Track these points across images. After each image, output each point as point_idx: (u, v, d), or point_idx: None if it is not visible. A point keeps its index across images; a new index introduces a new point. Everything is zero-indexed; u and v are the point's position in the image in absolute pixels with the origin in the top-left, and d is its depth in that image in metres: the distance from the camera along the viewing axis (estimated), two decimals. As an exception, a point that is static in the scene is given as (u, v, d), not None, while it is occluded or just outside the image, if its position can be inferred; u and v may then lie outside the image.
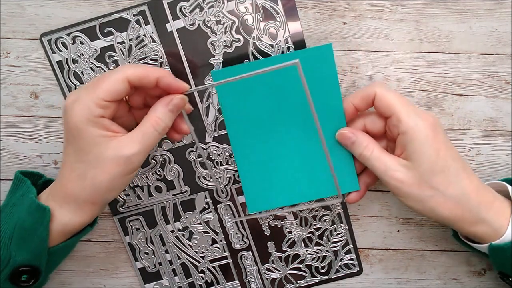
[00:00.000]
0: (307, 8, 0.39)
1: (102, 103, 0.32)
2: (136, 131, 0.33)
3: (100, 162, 0.32)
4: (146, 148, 0.33)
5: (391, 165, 0.34)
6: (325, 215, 0.42)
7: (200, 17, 0.38)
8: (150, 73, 0.33)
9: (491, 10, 0.38)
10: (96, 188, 0.33)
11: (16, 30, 0.40)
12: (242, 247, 0.44)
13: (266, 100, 0.38)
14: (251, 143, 0.39)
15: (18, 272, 0.34)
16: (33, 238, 0.34)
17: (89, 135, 0.32)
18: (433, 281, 0.44)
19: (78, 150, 0.32)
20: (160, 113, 0.33)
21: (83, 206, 0.34)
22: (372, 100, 0.35)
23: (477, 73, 0.40)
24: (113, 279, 0.45)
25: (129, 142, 0.32)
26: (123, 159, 0.32)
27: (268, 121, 0.38)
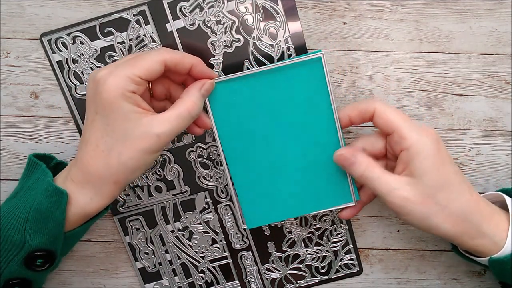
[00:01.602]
0: (307, 8, 0.39)
1: (137, 79, 0.32)
2: (170, 111, 0.33)
3: (128, 138, 0.32)
4: (176, 129, 0.33)
5: (394, 184, 0.34)
6: (325, 215, 0.42)
7: (200, 17, 0.38)
8: (186, 60, 0.34)
9: (491, 10, 0.38)
10: (121, 165, 0.32)
11: (16, 30, 0.40)
12: (242, 247, 0.44)
13: (259, 113, 0.37)
14: (245, 157, 0.38)
15: (33, 256, 0.34)
16: (49, 222, 0.33)
17: (121, 110, 0.31)
18: (433, 281, 0.44)
19: (106, 125, 0.32)
20: (195, 97, 0.34)
21: (105, 186, 0.34)
22: (370, 116, 0.35)
23: (477, 73, 0.40)
24: (113, 279, 0.45)
25: (161, 120, 0.32)
26: (152, 136, 0.32)
27: (263, 134, 0.37)
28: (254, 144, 0.38)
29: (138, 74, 0.32)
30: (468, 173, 0.42)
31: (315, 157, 0.37)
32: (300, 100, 0.36)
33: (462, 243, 0.36)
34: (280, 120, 0.37)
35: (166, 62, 0.33)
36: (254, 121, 0.37)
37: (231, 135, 0.38)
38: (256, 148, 0.38)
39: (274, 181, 0.38)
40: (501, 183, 0.42)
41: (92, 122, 0.33)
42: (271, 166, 0.38)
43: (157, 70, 0.33)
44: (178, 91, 0.36)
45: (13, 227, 0.33)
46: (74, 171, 0.34)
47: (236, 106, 0.37)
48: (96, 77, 0.32)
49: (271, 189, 0.38)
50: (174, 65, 0.33)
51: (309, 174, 0.38)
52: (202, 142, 0.41)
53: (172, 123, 0.33)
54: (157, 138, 0.32)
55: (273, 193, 0.38)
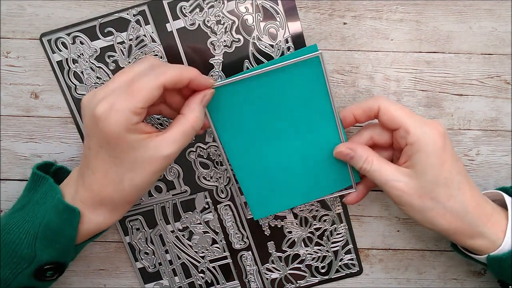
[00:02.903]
0: (307, 8, 0.39)
1: (138, 111, 0.31)
2: (175, 130, 0.33)
3: (138, 164, 0.32)
4: (183, 146, 0.33)
5: (392, 175, 0.34)
6: (325, 215, 0.42)
7: (200, 17, 0.38)
8: (184, 76, 0.33)
9: (491, 10, 0.38)
10: (134, 188, 0.33)
11: (16, 30, 0.40)
12: (242, 247, 0.44)
13: (259, 111, 0.37)
14: (246, 151, 0.38)
15: (43, 269, 0.34)
16: (60, 238, 0.34)
17: (127, 142, 0.31)
18: (433, 281, 0.44)
19: (114, 157, 0.32)
20: (198, 111, 0.34)
21: (119, 207, 0.34)
22: (375, 113, 0.35)
23: (477, 73, 0.40)
24: (113, 279, 0.45)
25: (168, 141, 0.32)
26: (162, 159, 0.32)
27: (263, 131, 0.38)
28: (255, 140, 0.38)
29: (139, 106, 0.31)
30: (468, 173, 0.42)
31: (315, 147, 0.38)
32: (299, 96, 0.37)
33: (459, 241, 0.36)
34: (279, 117, 0.37)
35: (166, 85, 0.32)
36: (254, 119, 0.37)
37: (231, 133, 0.38)
38: (257, 144, 0.38)
39: (276, 175, 0.39)
40: (501, 183, 0.42)
41: (96, 153, 0.32)
42: (272, 160, 0.38)
43: (157, 95, 0.32)
44: (173, 96, 0.35)
45: (22, 241, 0.33)
46: (84, 194, 0.34)
47: (235, 106, 0.37)
48: (95, 113, 0.31)
49: (274, 181, 0.39)
50: (173, 85, 0.32)
51: (309, 165, 0.39)
52: (202, 142, 0.41)
53: (178, 143, 0.32)
54: (166, 159, 0.32)
55: (276, 185, 0.39)
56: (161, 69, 0.32)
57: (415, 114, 0.35)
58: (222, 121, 0.37)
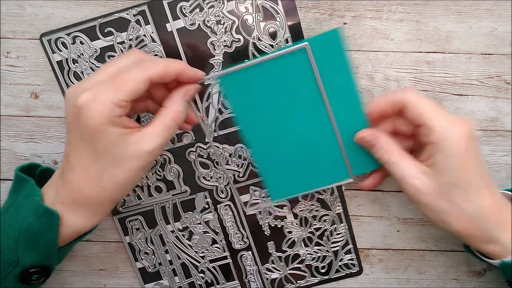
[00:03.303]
0: (307, 8, 0.39)
1: (122, 103, 0.30)
2: (156, 124, 0.32)
3: (120, 160, 0.31)
4: (166, 140, 0.32)
5: (409, 171, 0.34)
6: (325, 215, 0.42)
7: (200, 17, 0.38)
8: (171, 70, 0.32)
9: (491, 10, 0.38)
10: (116, 186, 0.32)
11: (16, 30, 0.40)
12: (242, 247, 0.44)
13: (275, 89, 0.37)
14: (264, 133, 0.38)
15: (28, 273, 0.34)
16: (42, 241, 0.33)
17: (109, 136, 0.30)
18: (433, 281, 0.44)
19: (94, 151, 0.31)
20: (180, 105, 0.33)
21: (100, 207, 0.33)
22: (402, 107, 0.34)
23: (477, 73, 0.40)
24: (113, 279, 0.45)
25: (150, 136, 0.31)
26: (144, 155, 0.31)
27: (279, 109, 0.37)
28: (272, 119, 0.37)
29: (123, 99, 0.30)
30: (468, 173, 0.42)
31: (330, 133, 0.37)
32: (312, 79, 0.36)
33: (472, 244, 0.35)
34: (300, 98, 0.37)
35: (152, 79, 0.31)
36: (274, 100, 0.37)
37: (249, 114, 0.37)
38: (274, 124, 0.38)
39: (295, 157, 0.38)
40: (501, 183, 0.42)
41: (76, 147, 0.31)
42: (291, 143, 0.38)
43: (143, 89, 0.31)
44: (159, 90, 0.35)
45: (5, 245, 0.33)
46: (64, 194, 0.33)
47: (250, 91, 0.36)
48: (77, 103, 0.30)
49: (293, 164, 0.39)
50: (159, 79, 0.32)
51: (329, 148, 0.38)
52: (202, 142, 0.41)
53: (160, 137, 0.32)
54: (150, 154, 0.31)
55: (294, 168, 0.39)
56: (147, 63, 0.32)
57: (443, 111, 0.33)
58: (241, 101, 0.37)
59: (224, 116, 0.40)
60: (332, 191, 0.42)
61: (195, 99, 0.40)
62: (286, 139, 0.38)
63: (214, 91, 0.40)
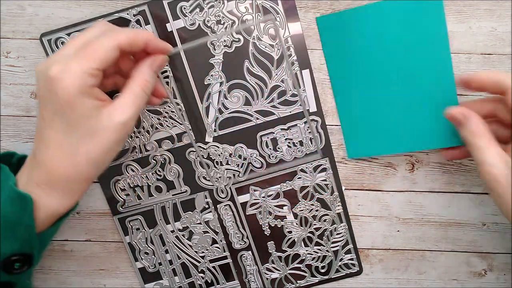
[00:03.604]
0: (307, 8, 0.39)
1: (94, 72, 0.30)
2: (125, 95, 0.32)
3: (94, 134, 0.30)
4: (138, 111, 0.32)
5: (491, 158, 0.32)
6: (325, 215, 0.42)
7: (200, 17, 0.38)
8: (139, 38, 0.32)
9: (491, 10, 0.38)
10: (91, 162, 0.31)
11: (16, 30, 0.40)
12: (242, 247, 0.44)
13: (370, 47, 0.38)
14: (351, 88, 0.39)
15: (10, 261, 0.33)
16: (18, 228, 0.32)
17: (82, 107, 0.30)
18: (433, 281, 0.44)
19: (68, 125, 0.30)
20: (147, 75, 0.33)
21: (75, 185, 0.33)
22: (502, 91, 0.33)
23: (477, 73, 0.40)
24: (113, 279, 0.45)
25: (122, 108, 0.31)
26: (118, 126, 0.31)
27: (371, 66, 0.38)
28: (362, 78, 0.38)
29: (95, 67, 0.30)
30: (468, 173, 0.42)
31: (424, 98, 0.38)
32: (416, 40, 0.37)
33: None
34: (392, 57, 0.37)
35: (121, 46, 0.31)
36: (365, 55, 0.38)
37: (339, 66, 0.38)
38: (363, 83, 0.38)
39: (378, 116, 0.39)
40: (501, 183, 0.42)
41: (50, 122, 0.31)
42: (376, 102, 0.39)
43: (113, 57, 0.31)
44: (127, 64, 0.35)
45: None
46: (38, 174, 0.32)
47: (347, 38, 0.37)
48: (49, 75, 0.29)
49: (375, 123, 0.39)
50: (129, 46, 0.31)
51: (414, 113, 0.38)
52: (202, 142, 0.41)
53: (132, 107, 0.31)
54: (123, 126, 0.31)
55: (376, 127, 0.39)
56: (116, 31, 0.32)
57: None
58: (333, 52, 0.38)
59: (224, 116, 0.40)
60: (332, 191, 0.42)
61: (196, 102, 0.40)
62: (372, 99, 0.39)
63: (214, 91, 0.40)
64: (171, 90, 0.37)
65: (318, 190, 0.42)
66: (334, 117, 0.41)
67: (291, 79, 0.39)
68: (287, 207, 0.42)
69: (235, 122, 0.41)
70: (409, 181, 0.42)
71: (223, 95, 0.40)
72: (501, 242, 0.43)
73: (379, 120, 0.39)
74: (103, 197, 0.43)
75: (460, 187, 0.42)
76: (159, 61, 0.34)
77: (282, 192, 0.42)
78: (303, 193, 0.42)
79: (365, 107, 0.39)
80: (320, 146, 0.41)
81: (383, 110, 0.39)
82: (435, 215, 0.43)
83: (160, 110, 0.40)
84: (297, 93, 0.40)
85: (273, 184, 0.42)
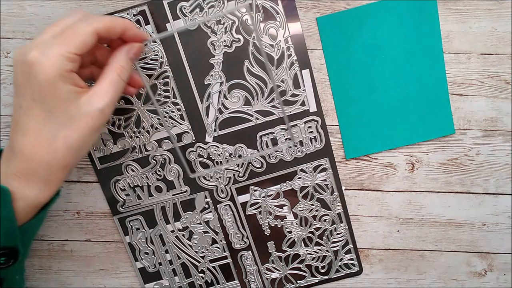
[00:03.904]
0: (307, 8, 0.39)
1: (72, 56, 0.30)
2: (102, 81, 0.32)
3: (72, 120, 0.31)
4: (115, 97, 0.32)
5: None
6: (325, 215, 0.42)
7: (200, 17, 0.38)
8: (117, 25, 0.32)
9: (490, 10, 0.38)
10: (70, 148, 0.31)
11: (16, 30, 0.40)
12: (242, 247, 0.44)
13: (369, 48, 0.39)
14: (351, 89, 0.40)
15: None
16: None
17: (61, 92, 0.30)
18: (433, 281, 0.44)
19: (47, 111, 0.30)
20: (123, 61, 0.33)
21: (54, 173, 0.32)
22: None
23: (477, 73, 0.40)
24: (113, 279, 0.45)
25: (99, 94, 0.31)
26: (97, 112, 0.31)
27: (370, 68, 0.39)
28: (361, 77, 0.39)
29: (73, 51, 0.30)
30: (468, 173, 0.42)
31: (417, 92, 0.39)
32: (410, 37, 0.38)
33: None
34: (389, 55, 0.39)
35: (98, 31, 0.31)
36: (364, 55, 0.39)
37: (339, 68, 0.39)
38: (362, 81, 0.39)
39: (375, 114, 0.40)
40: (501, 183, 0.42)
41: (28, 110, 0.31)
42: (375, 99, 0.40)
43: (91, 42, 0.31)
44: (104, 54, 0.35)
45: None
46: (16, 164, 0.32)
47: (346, 38, 0.39)
48: (27, 59, 0.29)
49: (372, 122, 0.40)
50: (106, 32, 0.31)
51: (409, 109, 0.40)
52: (202, 142, 0.41)
53: (109, 93, 0.32)
54: (101, 112, 0.31)
55: (373, 125, 0.40)
56: (93, 17, 0.32)
57: None
58: (333, 52, 0.39)
59: (224, 116, 0.40)
60: (332, 191, 0.42)
61: (196, 102, 0.40)
62: (374, 95, 0.40)
63: (214, 91, 0.40)
64: (148, 80, 0.37)
65: (318, 190, 0.42)
66: (334, 117, 0.41)
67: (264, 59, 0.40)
68: (287, 207, 0.42)
69: (235, 122, 0.41)
70: (409, 181, 0.42)
71: (223, 95, 0.40)
72: (501, 242, 0.43)
73: (376, 118, 0.40)
74: (103, 197, 0.43)
75: (460, 187, 0.42)
76: (135, 49, 0.34)
77: (282, 192, 0.42)
78: (303, 193, 0.42)
79: (363, 106, 0.40)
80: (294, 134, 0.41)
81: (381, 108, 0.40)
82: (435, 215, 0.43)
83: (160, 110, 0.40)
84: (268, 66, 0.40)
85: (273, 184, 0.42)
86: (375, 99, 0.40)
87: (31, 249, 0.44)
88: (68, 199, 0.43)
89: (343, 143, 0.41)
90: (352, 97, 0.40)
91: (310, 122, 0.40)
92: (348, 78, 0.39)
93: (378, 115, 0.40)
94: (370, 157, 0.41)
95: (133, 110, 0.40)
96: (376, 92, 0.40)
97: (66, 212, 0.43)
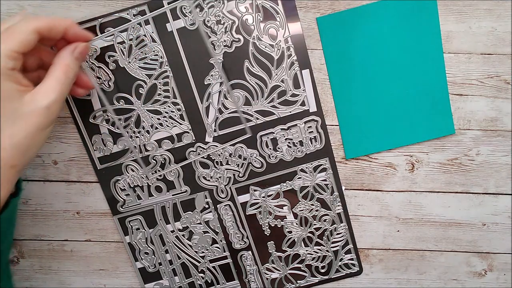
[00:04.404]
0: (307, 8, 0.39)
1: (13, 55, 0.30)
2: (48, 80, 0.32)
3: (17, 118, 0.30)
4: (61, 95, 0.32)
5: None
6: (325, 215, 0.42)
7: (200, 17, 0.38)
8: (59, 24, 0.32)
9: (490, 10, 0.38)
10: (15, 146, 0.31)
11: (16, 30, 0.40)
12: (242, 247, 0.44)
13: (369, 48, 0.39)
14: (351, 89, 0.40)
15: None
16: None
17: (3, 90, 0.30)
18: (433, 281, 0.44)
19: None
20: (68, 59, 0.33)
21: (2, 173, 0.31)
22: None
23: (477, 73, 0.40)
24: (113, 279, 0.45)
25: (44, 92, 0.31)
26: (42, 110, 0.31)
27: (370, 68, 0.39)
28: (361, 76, 0.39)
29: (14, 49, 0.30)
30: (468, 173, 0.42)
31: (417, 92, 0.40)
32: (410, 37, 0.39)
33: None
34: (389, 55, 0.39)
35: (39, 29, 0.31)
36: (364, 54, 0.39)
37: (338, 66, 0.39)
38: (362, 81, 0.40)
39: (376, 114, 0.40)
40: (501, 183, 0.42)
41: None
42: (375, 99, 0.40)
43: (32, 40, 0.31)
44: (50, 57, 0.35)
45: None
46: None
47: (346, 38, 0.39)
48: None
49: (372, 122, 0.40)
50: (47, 31, 0.31)
51: (409, 109, 0.40)
52: (202, 142, 0.41)
53: (55, 91, 0.32)
54: (47, 110, 0.31)
55: (373, 125, 0.40)
56: (35, 17, 0.32)
57: None
58: (333, 52, 0.39)
59: (224, 116, 0.40)
60: (332, 191, 0.42)
61: (196, 102, 0.40)
62: (374, 95, 0.40)
63: (214, 91, 0.40)
64: (97, 81, 0.37)
65: (318, 190, 0.42)
66: (334, 117, 0.41)
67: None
68: (287, 207, 0.42)
69: (235, 122, 0.41)
70: (409, 181, 0.42)
71: (223, 95, 0.40)
72: (501, 242, 0.43)
73: (376, 118, 0.40)
74: (103, 197, 0.43)
75: (460, 187, 0.42)
76: (80, 48, 0.34)
77: (282, 192, 0.42)
78: (303, 193, 0.42)
79: (363, 106, 0.40)
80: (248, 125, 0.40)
81: (381, 108, 0.40)
82: (435, 215, 0.43)
83: (160, 110, 0.40)
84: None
85: (273, 184, 0.42)
86: (375, 99, 0.40)
87: (31, 249, 0.44)
88: (68, 199, 0.43)
89: (343, 143, 0.41)
90: (352, 97, 0.40)
91: (310, 122, 0.41)
92: (348, 78, 0.39)
93: (378, 115, 0.40)
94: (370, 157, 0.41)
95: (133, 110, 0.40)
96: (376, 92, 0.40)
97: (66, 212, 0.43)
